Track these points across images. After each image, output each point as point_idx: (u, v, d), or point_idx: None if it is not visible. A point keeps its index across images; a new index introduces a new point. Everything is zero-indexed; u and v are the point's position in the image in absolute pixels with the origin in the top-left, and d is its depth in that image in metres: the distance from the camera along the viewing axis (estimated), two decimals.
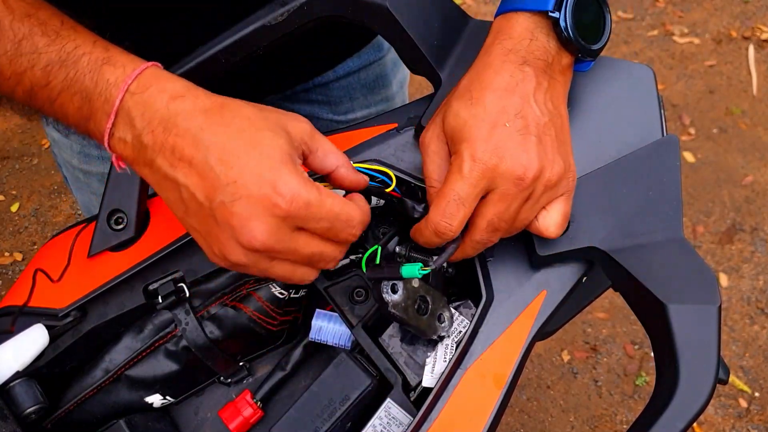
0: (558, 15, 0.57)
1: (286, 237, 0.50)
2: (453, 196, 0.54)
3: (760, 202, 2.23)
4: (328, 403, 0.63)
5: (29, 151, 2.38)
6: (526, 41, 0.57)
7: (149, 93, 0.50)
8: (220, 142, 0.49)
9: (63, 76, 0.52)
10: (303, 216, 0.49)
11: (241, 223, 0.48)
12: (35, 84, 0.53)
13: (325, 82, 0.93)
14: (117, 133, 0.51)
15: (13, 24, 0.52)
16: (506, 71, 0.56)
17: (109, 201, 0.64)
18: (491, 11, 2.83)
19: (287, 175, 0.48)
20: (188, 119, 0.49)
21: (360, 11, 0.62)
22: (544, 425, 1.81)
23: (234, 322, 0.65)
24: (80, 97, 0.52)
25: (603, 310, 1.99)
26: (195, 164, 0.49)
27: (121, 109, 0.51)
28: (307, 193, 0.49)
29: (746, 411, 1.83)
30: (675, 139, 0.63)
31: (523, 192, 0.55)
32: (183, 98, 0.50)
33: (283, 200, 0.48)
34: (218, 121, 0.50)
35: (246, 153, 0.48)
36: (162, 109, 0.50)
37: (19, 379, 0.61)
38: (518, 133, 0.55)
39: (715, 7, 2.83)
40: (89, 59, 0.52)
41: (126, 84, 0.51)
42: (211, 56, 0.63)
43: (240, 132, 0.49)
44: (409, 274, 0.56)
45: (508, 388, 0.58)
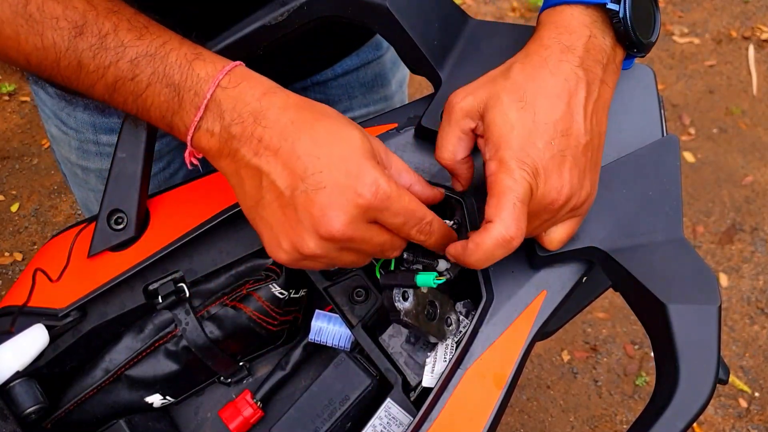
0: (617, 7, 0.55)
1: (363, 227, 0.51)
2: (513, 198, 0.51)
3: (760, 202, 2.23)
4: (328, 403, 0.63)
5: (29, 151, 2.38)
6: (585, 38, 0.55)
7: (241, 88, 0.52)
8: (308, 135, 0.50)
9: (152, 70, 0.53)
10: (383, 207, 0.50)
11: (322, 212, 0.49)
12: (120, 77, 0.53)
13: (323, 80, 0.93)
14: (204, 125, 0.53)
15: (98, 19, 0.53)
16: (562, 74, 0.54)
17: (109, 201, 0.64)
18: (491, 11, 2.82)
19: (372, 169, 0.50)
20: (279, 112, 0.51)
21: (360, 11, 0.62)
22: (544, 425, 1.81)
23: (234, 322, 0.65)
24: (169, 90, 0.53)
25: (603, 310, 1.99)
26: (281, 153, 0.50)
27: (212, 101, 0.52)
28: (389, 187, 0.50)
29: (746, 411, 1.83)
30: (675, 139, 0.63)
31: (549, 213, 0.55)
32: (274, 94, 0.52)
33: (368, 191, 0.49)
34: (308, 116, 0.51)
35: (334, 145, 0.50)
36: (253, 103, 0.51)
37: (19, 379, 0.61)
38: (560, 154, 0.53)
39: (715, 7, 2.83)
40: (178, 54, 0.53)
41: (217, 78, 0.52)
42: None
43: (328, 127, 0.51)
44: (423, 283, 0.55)
45: (508, 388, 0.58)
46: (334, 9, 0.62)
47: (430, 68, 0.63)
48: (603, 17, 0.56)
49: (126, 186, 0.64)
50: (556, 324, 0.72)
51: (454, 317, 0.61)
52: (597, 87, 0.56)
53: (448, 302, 0.61)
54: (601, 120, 0.57)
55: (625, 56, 0.59)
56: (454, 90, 0.59)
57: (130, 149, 0.64)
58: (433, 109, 0.63)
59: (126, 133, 0.63)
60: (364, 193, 0.49)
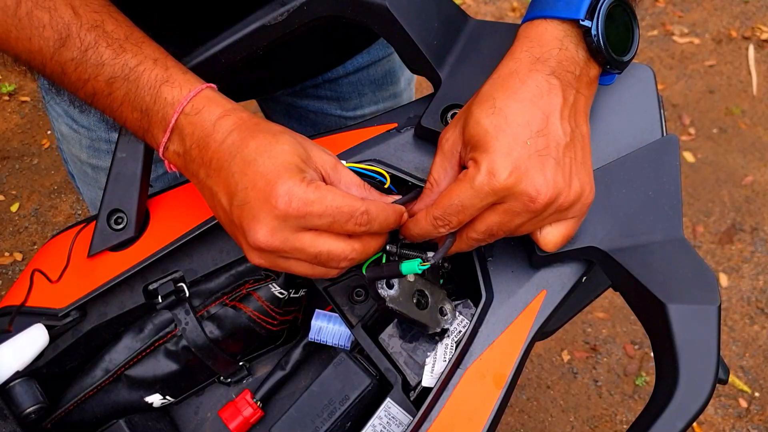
0: (590, 24, 0.55)
1: (290, 237, 0.52)
2: (456, 201, 0.54)
3: (760, 202, 2.23)
4: (328, 403, 0.63)
5: (29, 151, 2.38)
6: (555, 50, 0.56)
7: (201, 114, 0.55)
8: (240, 154, 0.53)
9: (125, 91, 0.57)
10: (302, 214, 0.51)
11: (248, 225, 0.52)
12: (98, 92, 0.57)
13: (334, 77, 0.93)
14: (171, 147, 0.57)
15: (81, 32, 0.56)
16: (533, 81, 0.55)
17: (109, 201, 0.65)
18: (491, 11, 2.82)
19: (287, 179, 0.51)
20: (225, 136, 0.54)
21: (360, 11, 0.62)
22: (544, 425, 1.81)
23: (234, 322, 0.65)
24: (139, 112, 0.57)
25: (603, 310, 1.99)
26: (222, 174, 0.54)
27: (176, 128, 0.56)
28: (304, 193, 0.51)
29: (746, 411, 1.83)
30: (675, 139, 0.63)
31: (530, 212, 0.54)
32: (228, 116, 0.55)
33: (281, 200, 0.51)
34: (245, 136, 0.54)
35: (258, 162, 0.52)
36: (208, 128, 0.55)
37: (19, 378, 0.61)
38: (538, 154, 0.53)
39: (715, 7, 2.83)
40: (149, 77, 0.56)
41: (182, 105, 0.56)
42: (211, 56, 0.63)
43: (258, 145, 0.53)
44: (408, 270, 0.56)
45: (508, 388, 0.58)
46: (333, 9, 0.62)
47: (430, 68, 0.63)
48: (576, 32, 0.57)
49: (126, 186, 0.64)
50: (556, 324, 0.72)
51: (449, 307, 0.61)
52: (571, 94, 0.56)
53: (440, 292, 0.61)
54: (580, 123, 0.57)
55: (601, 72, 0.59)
56: (454, 90, 0.58)
57: (130, 149, 0.64)
58: (433, 109, 0.63)
59: (126, 133, 0.63)
60: (278, 204, 0.51)
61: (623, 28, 0.58)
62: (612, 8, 0.56)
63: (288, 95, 0.96)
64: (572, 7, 0.56)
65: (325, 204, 0.51)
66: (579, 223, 0.58)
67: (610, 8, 0.56)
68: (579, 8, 0.55)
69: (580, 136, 0.57)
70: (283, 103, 0.99)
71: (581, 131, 0.57)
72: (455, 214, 0.54)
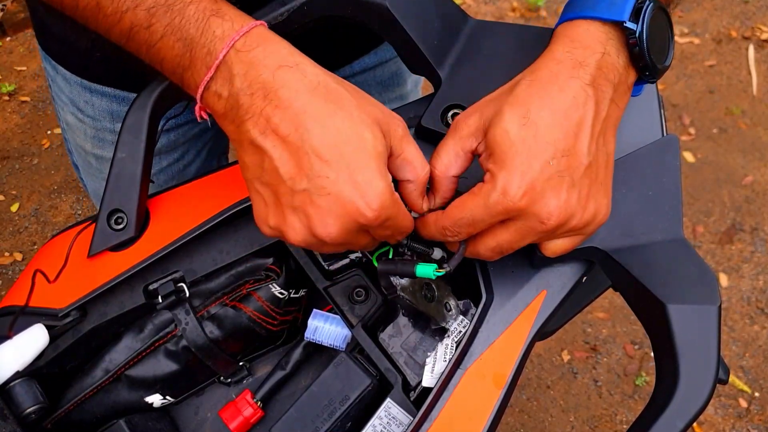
0: (635, 26, 0.53)
1: (355, 236, 0.52)
2: (467, 215, 0.53)
3: (760, 202, 2.23)
4: (328, 403, 0.63)
5: (29, 151, 2.38)
6: (598, 54, 0.53)
7: (255, 54, 0.50)
8: (319, 131, 0.48)
9: (167, 21, 0.51)
10: (377, 225, 0.50)
11: (320, 217, 0.49)
12: (136, 24, 0.52)
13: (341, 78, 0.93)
14: (213, 87, 0.51)
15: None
16: (571, 90, 0.52)
17: (109, 201, 0.64)
18: (491, 11, 2.82)
19: (378, 185, 0.49)
20: (292, 95, 0.49)
21: (360, 11, 0.62)
22: (544, 425, 1.81)
23: (234, 322, 0.65)
24: (182, 45, 0.51)
25: (603, 310, 1.99)
26: (289, 142, 0.49)
27: (224, 64, 0.50)
28: (390, 208, 0.50)
29: (746, 411, 1.83)
30: (675, 139, 0.63)
31: (540, 233, 0.53)
32: (290, 69, 0.50)
33: (370, 211, 0.49)
34: (321, 106, 0.49)
35: (344, 148, 0.48)
36: (266, 74, 0.49)
37: (19, 379, 0.61)
38: (557, 175, 0.51)
39: (715, 7, 2.83)
40: (197, 8, 0.51)
41: (233, 39, 0.50)
42: None
43: (341, 125, 0.49)
44: (423, 273, 0.55)
45: (508, 388, 0.58)
46: (334, 9, 0.62)
47: (430, 68, 0.63)
48: (619, 35, 0.54)
49: (126, 186, 0.64)
50: (556, 324, 0.72)
51: (453, 303, 0.62)
52: (606, 106, 0.54)
53: (446, 287, 0.62)
54: (608, 140, 0.55)
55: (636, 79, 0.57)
56: (454, 90, 0.58)
57: (130, 149, 0.64)
58: (433, 109, 0.63)
59: (126, 133, 0.63)
60: (366, 213, 0.49)
61: (663, 33, 0.56)
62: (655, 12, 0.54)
63: None
64: (615, 8, 0.54)
65: (397, 222, 0.52)
66: (584, 239, 0.58)
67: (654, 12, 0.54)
68: (623, 9, 0.53)
69: (605, 154, 0.55)
70: None
71: (607, 149, 0.55)
72: (465, 227, 0.54)
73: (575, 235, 0.57)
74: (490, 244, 0.55)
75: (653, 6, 0.54)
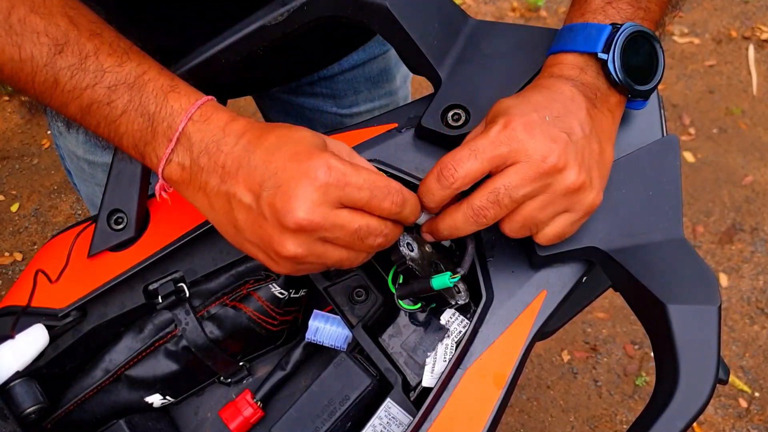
0: (606, 57, 0.57)
1: (330, 212, 0.51)
2: (469, 146, 0.54)
3: (760, 202, 2.23)
4: (328, 403, 0.63)
5: (29, 151, 2.38)
6: (577, 71, 0.58)
7: (209, 121, 0.54)
8: (260, 148, 0.52)
9: (128, 98, 0.54)
10: (342, 184, 0.51)
11: (285, 206, 0.50)
12: (95, 101, 0.54)
13: (329, 75, 0.94)
14: (175, 158, 0.54)
15: (80, 40, 0.54)
16: (557, 88, 0.57)
17: (109, 201, 0.65)
18: (491, 11, 2.82)
19: (322, 153, 0.51)
20: (236, 139, 0.53)
21: (360, 11, 0.62)
22: (544, 425, 1.81)
23: (234, 322, 0.65)
24: (143, 120, 0.54)
25: (603, 310, 1.99)
26: (241, 172, 0.52)
27: (183, 135, 0.54)
28: (342, 165, 0.51)
29: (746, 411, 1.83)
30: (675, 139, 0.63)
31: (539, 177, 0.53)
32: (235, 121, 0.54)
33: (321, 171, 0.50)
34: (259, 133, 0.53)
35: (284, 147, 0.51)
36: (217, 133, 0.53)
37: (19, 379, 0.61)
38: (554, 127, 0.54)
39: (715, 7, 2.83)
40: (155, 85, 0.54)
41: (190, 112, 0.54)
42: (211, 56, 0.63)
43: (278, 134, 0.53)
44: (439, 284, 0.56)
45: (508, 388, 0.58)
46: (334, 9, 0.62)
47: (430, 68, 0.63)
48: (596, 64, 0.59)
49: (126, 186, 0.64)
50: (556, 324, 0.72)
51: (462, 286, 0.61)
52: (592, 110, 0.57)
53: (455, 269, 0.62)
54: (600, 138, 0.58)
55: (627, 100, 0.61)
56: (454, 90, 0.58)
57: None
58: (433, 109, 0.63)
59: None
60: (318, 175, 0.50)
61: (645, 56, 0.59)
62: (632, 38, 0.57)
63: (284, 92, 0.97)
64: (591, 41, 0.58)
65: (363, 176, 0.51)
66: (579, 223, 0.58)
67: (629, 39, 0.57)
68: (597, 42, 0.57)
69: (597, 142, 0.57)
70: (279, 100, 0.99)
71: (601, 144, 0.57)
72: (465, 159, 0.54)
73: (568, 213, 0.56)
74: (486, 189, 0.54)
75: (626, 35, 0.57)
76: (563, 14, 1.57)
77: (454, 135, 0.61)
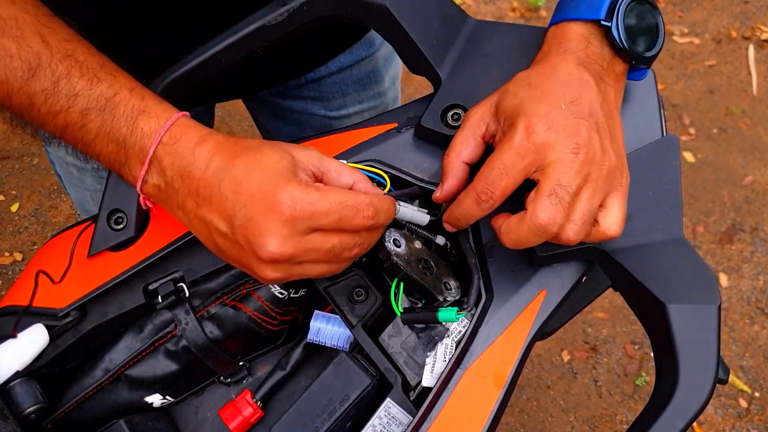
0: (610, 23, 0.58)
1: (301, 240, 0.52)
2: (498, 164, 0.54)
3: (760, 202, 2.23)
4: (328, 403, 0.63)
5: (29, 151, 2.38)
6: (583, 44, 0.58)
7: (179, 143, 0.54)
8: (229, 176, 0.52)
9: (100, 122, 0.55)
10: (309, 215, 0.51)
11: (257, 241, 0.51)
12: (70, 124, 0.55)
13: (317, 77, 0.94)
14: (151, 180, 0.56)
15: (52, 62, 0.54)
16: (564, 68, 0.57)
17: (109, 201, 0.64)
18: (491, 11, 2.82)
19: (287, 185, 0.51)
20: (207, 162, 0.53)
21: (360, 11, 0.62)
22: (544, 425, 1.81)
23: (234, 322, 0.65)
24: (115, 144, 0.55)
25: (603, 310, 1.99)
26: (214, 200, 0.53)
27: (154, 159, 0.55)
28: (307, 194, 0.51)
29: (746, 411, 1.83)
30: (675, 139, 0.63)
31: (581, 165, 0.53)
32: (205, 142, 0.54)
33: (285, 206, 0.51)
34: (228, 157, 0.53)
35: (251, 177, 0.52)
36: (188, 156, 0.54)
37: (19, 378, 0.61)
38: (573, 116, 0.54)
39: (715, 7, 2.83)
40: (125, 107, 0.55)
41: (159, 135, 0.54)
42: (211, 56, 0.63)
43: (245, 162, 0.53)
44: (446, 318, 0.57)
45: (508, 387, 0.58)
46: (334, 9, 0.62)
47: (430, 68, 0.63)
48: (600, 31, 0.59)
49: (126, 186, 0.64)
50: (556, 324, 0.72)
51: (453, 284, 0.62)
52: (601, 85, 0.58)
53: (447, 269, 0.63)
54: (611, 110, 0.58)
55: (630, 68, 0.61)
56: (454, 89, 0.58)
57: None
58: (433, 109, 0.63)
59: None
60: (283, 210, 0.50)
61: (647, 24, 0.60)
62: (633, 5, 0.58)
63: (272, 95, 0.97)
64: (593, 9, 0.58)
65: (329, 201, 0.51)
66: (626, 197, 0.57)
67: (630, 6, 0.58)
68: (600, 9, 0.58)
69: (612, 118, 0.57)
70: (268, 103, 0.99)
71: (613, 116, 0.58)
72: (498, 180, 0.54)
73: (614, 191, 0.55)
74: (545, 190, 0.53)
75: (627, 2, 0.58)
76: None
77: (453, 135, 0.61)
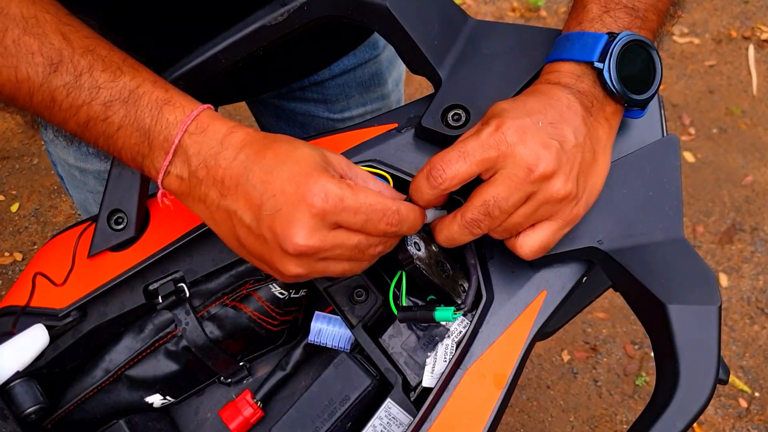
0: (602, 66, 0.57)
1: (328, 235, 0.52)
2: (459, 147, 0.54)
3: (760, 202, 2.23)
4: (329, 403, 0.63)
5: (29, 151, 2.38)
6: (573, 79, 0.58)
7: (206, 132, 0.54)
8: (259, 165, 0.52)
9: (123, 113, 0.54)
10: (339, 210, 0.51)
11: (284, 232, 0.51)
12: (92, 117, 0.55)
13: (320, 80, 0.94)
14: (173, 171, 0.55)
15: (74, 57, 0.54)
16: (554, 94, 0.57)
17: (109, 201, 0.65)
18: (491, 11, 2.82)
19: (319, 177, 0.51)
20: (235, 152, 0.53)
21: (360, 11, 0.62)
22: (544, 425, 1.81)
23: (234, 322, 0.65)
24: (139, 134, 0.54)
25: (603, 310, 1.99)
26: (240, 189, 0.52)
27: (179, 148, 0.54)
28: (340, 189, 0.51)
29: (746, 411, 1.83)
30: (675, 139, 0.63)
31: (526, 185, 0.54)
32: (234, 134, 0.54)
33: (318, 198, 0.50)
34: (258, 147, 0.53)
35: (282, 168, 0.51)
36: (215, 146, 0.53)
37: (19, 379, 0.61)
38: (546, 133, 0.54)
39: (715, 7, 2.83)
40: (150, 98, 0.55)
41: (185, 124, 0.54)
42: (211, 56, 0.63)
43: (276, 152, 0.52)
44: (442, 318, 0.57)
45: (508, 388, 0.58)
46: (334, 9, 0.62)
47: (430, 68, 0.63)
48: (593, 73, 0.58)
49: (126, 186, 0.64)
50: (556, 324, 0.72)
51: (467, 285, 0.62)
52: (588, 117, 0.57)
53: (459, 270, 0.62)
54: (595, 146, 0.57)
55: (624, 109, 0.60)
56: (454, 90, 0.58)
57: None
58: (433, 109, 0.63)
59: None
60: (315, 202, 0.50)
61: (642, 65, 0.59)
62: (629, 48, 0.57)
63: (275, 97, 0.97)
64: (587, 50, 0.58)
65: (360, 201, 0.51)
66: (562, 232, 0.58)
67: (625, 48, 0.57)
68: (593, 51, 0.57)
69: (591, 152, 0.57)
70: (271, 105, 0.99)
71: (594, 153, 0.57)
72: (454, 161, 0.54)
73: (552, 218, 0.56)
74: (477, 202, 0.55)
75: (622, 44, 0.57)
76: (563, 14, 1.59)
77: (454, 135, 0.61)
